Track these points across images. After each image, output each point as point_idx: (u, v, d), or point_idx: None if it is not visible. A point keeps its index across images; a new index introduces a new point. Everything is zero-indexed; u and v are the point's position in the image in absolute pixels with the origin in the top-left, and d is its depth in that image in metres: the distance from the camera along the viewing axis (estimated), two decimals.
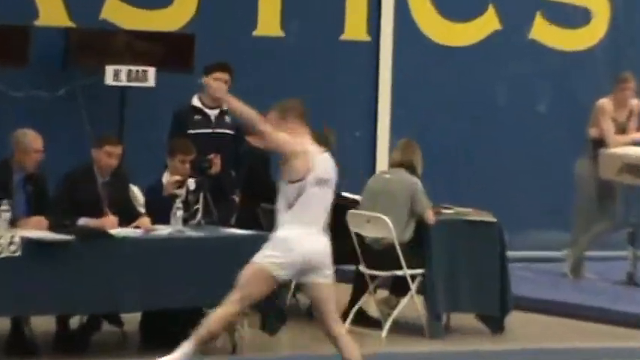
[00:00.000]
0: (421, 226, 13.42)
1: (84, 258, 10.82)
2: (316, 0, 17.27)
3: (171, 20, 16.53)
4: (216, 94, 11.69)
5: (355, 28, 17.94)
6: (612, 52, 18.81)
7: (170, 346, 11.55)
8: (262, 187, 14.17)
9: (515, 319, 13.91)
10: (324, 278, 10.32)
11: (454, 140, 17.81)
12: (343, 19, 17.90)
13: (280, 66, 17.05)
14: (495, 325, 13.61)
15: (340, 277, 13.32)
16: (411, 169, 13.62)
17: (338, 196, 13.82)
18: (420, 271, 13.18)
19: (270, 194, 13.35)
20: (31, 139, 12.26)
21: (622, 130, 16.44)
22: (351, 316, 13.46)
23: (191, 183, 12.85)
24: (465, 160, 17.88)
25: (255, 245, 11.77)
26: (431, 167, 14.32)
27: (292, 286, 13.75)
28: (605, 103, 16.38)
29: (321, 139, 13.11)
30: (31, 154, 12.12)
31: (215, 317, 10.50)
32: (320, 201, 10.44)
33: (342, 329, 10.37)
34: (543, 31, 18.95)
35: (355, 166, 16.31)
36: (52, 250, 11.34)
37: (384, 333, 13.25)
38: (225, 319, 10.61)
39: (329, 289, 10.39)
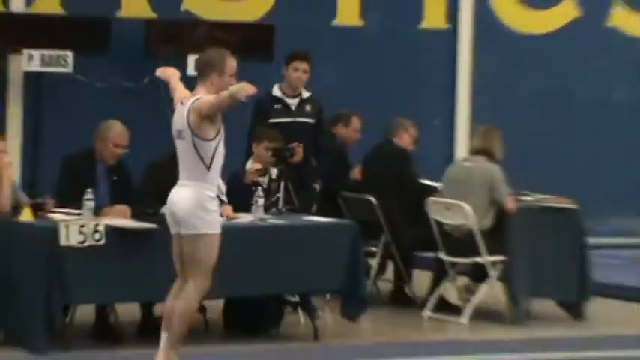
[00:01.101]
0: (501, 213, 13.30)
1: (167, 246, 10.55)
2: None
3: (250, 10, 16.80)
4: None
5: (434, 17, 17.97)
6: None
7: (251, 333, 12.37)
8: (343, 176, 14.26)
9: (596, 305, 13.82)
10: (186, 230, 10.27)
11: (534, 127, 17.79)
12: (422, 7, 17.94)
13: (359, 55, 17.02)
14: (576, 311, 13.55)
15: (420, 264, 14.29)
16: (490, 155, 13.49)
17: (417, 183, 14.24)
18: (500, 257, 13.14)
19: (349, 183, 14.22)
20: (115, 134, 12.28)
21: None
22: (431, 302, 13.43)
23: (273, 171, 12.75)
24: (546, 148, 17.80)
25: (335, 233, 12.44)
26: (511, 155, 14.19)
27: (373, 273, 13.95)
28: None
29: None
30: (111, 148, 12.20)
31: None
32: (181, 153, 10.43)
33: (190, 286, 10.48)
34: (623, 19, 19.02)
35: (435, 154, 16.71)
36: (136, 238, 11.42)
37: (464, 319, 13.19)
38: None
39: (188, 243, 10.39)
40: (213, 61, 10.33)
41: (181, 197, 10.24)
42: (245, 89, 9.92)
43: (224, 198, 12.55)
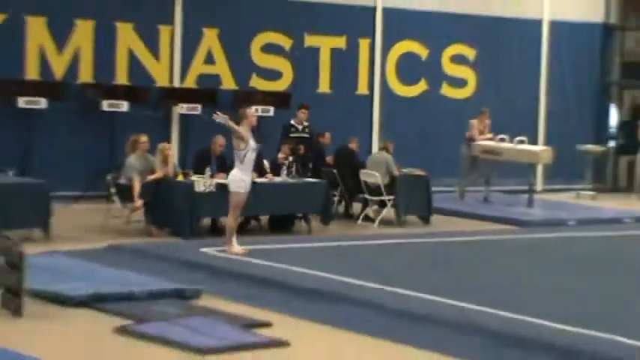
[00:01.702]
0: (392, 177, 16.36)
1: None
2: None
3: None
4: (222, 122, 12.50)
5: (363, 87, 19.67)
6: None
7: (280, 231, 15.08)
8: (321, 163, 16.83)
9: (435, 218, 16.79)
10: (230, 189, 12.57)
11: (410, 133, 19.30)
12: (357, 80, 19.63)
13: (331, 109, 18.69)
14: (426, 220, 16.65)
15: (356, 200, 16.90)
16: (387, 150, 16.66)
17: (357, 164, 16.59)
18: (392, 197, 16.33)
19: (326, 165, 16.67)
20: (217, 139, 14.76)
21: None
22: (361, 217, 16.54)
23: (290, 158, 15.63)
24: (413, 143, 19.05)
25: (317, 185, 15.34)
26: (398, 149, 17.26)
27: (335, 204, 16.39)
28: None
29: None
30: (217, 146, 14.90)
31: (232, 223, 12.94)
32: (253, 159, 12.58)
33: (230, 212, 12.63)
34: (451, 91, 20.50)
35: (365, 151, 18.16)
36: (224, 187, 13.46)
37: (376, 224, 16.31)
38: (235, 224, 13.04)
39: (230, 194, 12.56)
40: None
41: (231, 173, 12.81)
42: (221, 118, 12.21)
43: (267, 169, 15.34)
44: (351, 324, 9.83)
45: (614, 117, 22.71)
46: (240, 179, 12.52)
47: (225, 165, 14.34)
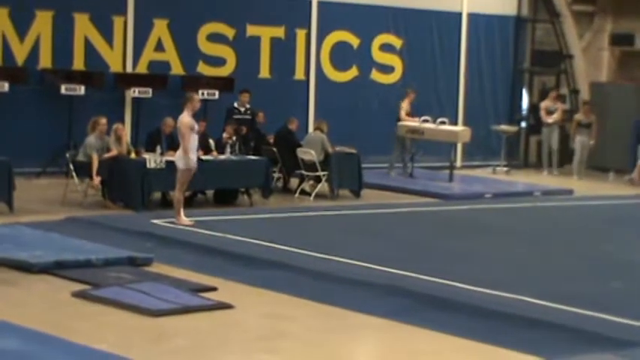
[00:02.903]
0: (327, 154, 16.44)
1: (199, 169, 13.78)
2: None
3: None
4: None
5: (300, 73, 19.81)
6: None
7: (224, 204, 15.08)
8: (262, 142, 16.83)
9: (364, 191, 16.74)
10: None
11: (342, 117, 19.53)
12: (295, 66, 19.79)
13: (272, 94, 18.64)
14: (357, 194, 16.69)
15: (294, 175, 16.82)
16: (321, 130, 16.76)
17: (296, 143, 16.50)
18: (326, 172, 16.37)
19: (267, 143, 16.65)
20: (167, 121, 14.66)
21: None
22: (298, 191, 16.51)
23: (234, 138, 15.77)
24: (345, 123, 19.10)
25: (259, 162, 15.33)
26: (334, 129, 17.34)
27: (275, 179, 16.33)
28: None
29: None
30: (167, 127, 14.66)
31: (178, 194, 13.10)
32: (197, 140, 12.86)
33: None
34: (379, 77, 20.57)
35: (302, 131, 17.94)
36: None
37: (311, 198, 16.35)
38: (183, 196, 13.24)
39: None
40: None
41: (178, 152, 12.98)
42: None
43: (213, 147, 15.34)
44: (290, 288, 9.93)
45: (525, 100, 22.89)
46: (186, 157, 12.63)
47: (174, 144, 14.22)
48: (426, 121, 18.42)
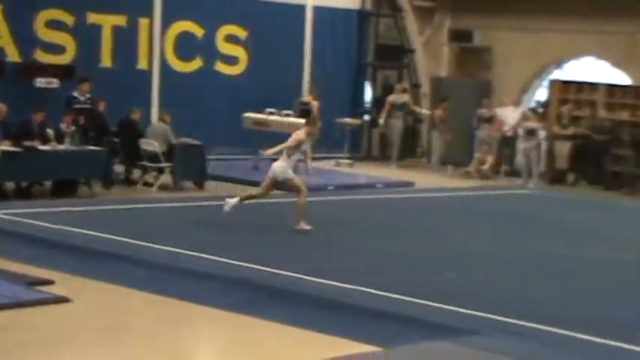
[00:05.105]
0: (171, 146, 16.36)
1: (29, 160, 13.74)
2: None
3: None
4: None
5: (143, 62, 19.46)
6: None
7: (63, 195, 14.81)
8: (104, 133, 16.61)
9: (208, 183, 16.76)
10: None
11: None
12: (137, 55, 19.39)
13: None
14: (200, 185, 16.72)
15: (137, 166, 16.55)
16: (165, 122, 16.63)
17: (139, 133, 16.43)
18: (170, 164, 16.39)
19: (106, 134, 16.44)
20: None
21: None
22: (140, 182, 16.38)
23: (73, 127, 15.47)
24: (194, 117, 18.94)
25: (98, 153, 15.13)
26: (180, 120, 17.15)
27: (118, 171, 16.26)
28: None
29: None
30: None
31: (253, 191, 13.38)
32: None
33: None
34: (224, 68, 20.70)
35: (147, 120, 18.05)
36: (18, 154, 14.12)
37: (155, 189, 16.33)
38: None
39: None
40: None
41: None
42: None
43: (52, 137, 15.14)
44: (128, 281, 9.90)
45: (368, 94, 23.18)
46: None
47: (9, 131, 14.05)
48: (271, 113, 18.51)
